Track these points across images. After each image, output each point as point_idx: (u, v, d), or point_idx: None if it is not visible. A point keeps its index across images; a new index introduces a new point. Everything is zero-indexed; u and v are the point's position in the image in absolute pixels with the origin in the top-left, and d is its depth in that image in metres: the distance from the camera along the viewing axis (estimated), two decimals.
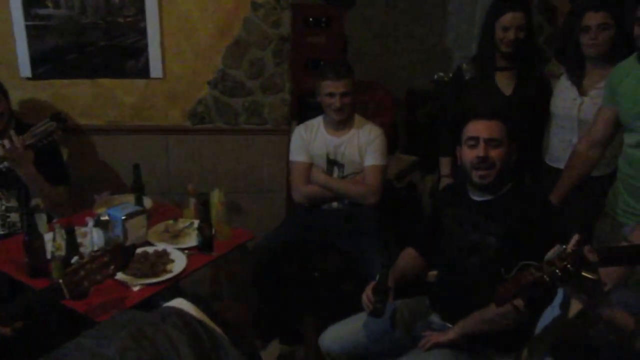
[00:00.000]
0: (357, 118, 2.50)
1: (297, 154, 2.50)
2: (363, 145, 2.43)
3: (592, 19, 2.14)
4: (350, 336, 1.88)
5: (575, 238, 1.22)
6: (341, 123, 2.44)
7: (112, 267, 1.58)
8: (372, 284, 1.83)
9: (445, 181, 2.55)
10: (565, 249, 1.19)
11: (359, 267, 2.34)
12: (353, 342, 1.87)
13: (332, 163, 2.48)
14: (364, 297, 1.83)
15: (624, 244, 1.62)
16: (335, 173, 2.48)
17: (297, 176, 2.49)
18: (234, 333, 1.44)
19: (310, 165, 2.48)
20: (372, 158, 2.42)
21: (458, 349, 1.72)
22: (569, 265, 1.15)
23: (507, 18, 2.26)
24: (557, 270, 1.15)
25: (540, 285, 1.16)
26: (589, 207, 2.18)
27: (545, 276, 1.15)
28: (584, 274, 1.16)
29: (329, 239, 2.47)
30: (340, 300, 2.62)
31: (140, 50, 2.70)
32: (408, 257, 1.99)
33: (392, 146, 3.18)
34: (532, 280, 1.16)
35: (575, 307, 1.43)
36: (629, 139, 1.90)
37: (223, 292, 2.85)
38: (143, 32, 2.68)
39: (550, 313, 1.69)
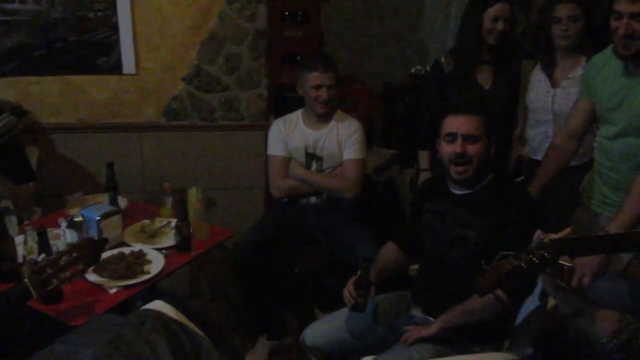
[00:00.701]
0: (336, 112, 2.49)
1: (275, 148, 2.48)
2: (342, 139, 2.42)
3: (563, 10, 2.19)
4: (332, 332, 1.86)
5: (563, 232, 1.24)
6: (322, 116, 2.43)
7: (82, 263, 1.51)
8: (354, 278, 1.82)
9: (424, 175, 2.55)
10: (543, 239, 1.19)
11: (340, 262, 2.33)
12: (335, 338, 1.85)
13: (310, 157, 2.46)
14: (346, 292, 1.82)
15: (601, 234, 1.64)
16: (314, 167, 2.46)
17: (275, 170, 2.46)
18: (215, 333, 1.41)
19: (288, 160, 2.46)
20: (351, 152, 2.41)
21: (440, 342, 1.72)
22: (546, 254, 1.16)
23: (496, 8, 2.26)
24: (535, 259, 1.16)
25: (518, 273, 1.18)
26: (568, 197, 2.21)
27: (522, 264, 1.17)
28: (560, 261, 1.17)
29: (308, 234, 2.46)
30: (322, 295, 2.62)
31: (111, 46, 2.64)
32: (389, 251, 1.98)
33: (369, 140, 3.18)
34: (510, 269, 1.18)
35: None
36: (604, 131, 1.93)
37: (203, 292, 2.82)
38: (115, 27, 2.62)
39: (531, 303, 1.71)
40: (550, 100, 2.29)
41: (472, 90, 2.37)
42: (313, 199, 2.48)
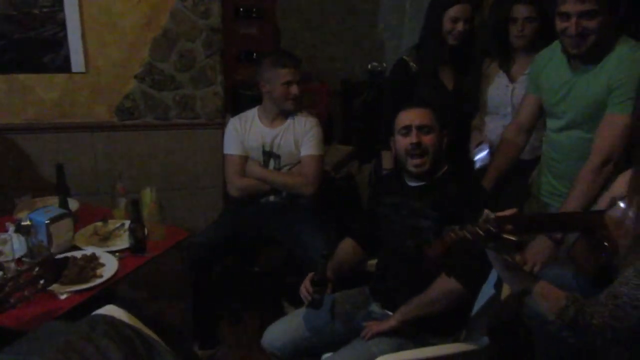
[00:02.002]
0: None
1: (231, 147, 2.45)
2: (299, 136, 2.41)
3: (520, 11, 2.26)
4: (291, 332, 1.86)
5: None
6: (280, 114, 2.41)
7: (42, 281, 1.46)
8: (311, 275, 1.81)
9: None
10: (490, 215, 1.22)
11: (298, 260, 2.33)
12: (295, 338, 1.85)
13: (268, 154, 2.44)
14: (302, 289, 1.82)
15: (548, 213, 1.70)
16: (272, 165, 2.45)
17: (232, 169, 2.44)
18: (171, 337, 1.39)
19: (245, 158, 2.44)
20: (308, 148, 2.41)
21: (399, 335, 1.74)
22: (491, 227, 1.18)
23: (456, 9, 2.27)
24: (480, 230, 1.19)
25: (463, 243, 1.20)
26: (521, 189, 2.27)
27: (467, 234, 1.19)
28: (504, 235, 1.19)
29: (267, 232, 2.44)
30: (289, 292, 2.60)
31: (59, 43, 2.55)
32: (347, 247, 1.99)
33: (328, 137, 3.18)
34: (455, 239, 1.20)
35: (509, 287, 1.47)
36: (551, 124, 1.99)
37: (160, 294, 2.76)
38: (62, 24, 2.53)
39: (486, 293, 1.75)
40: (509, 94, 2.36)
41: (439, 92, 2.38)
42: (272, 198, 2.47)
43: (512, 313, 1.92)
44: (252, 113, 2.48)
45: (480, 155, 2.41)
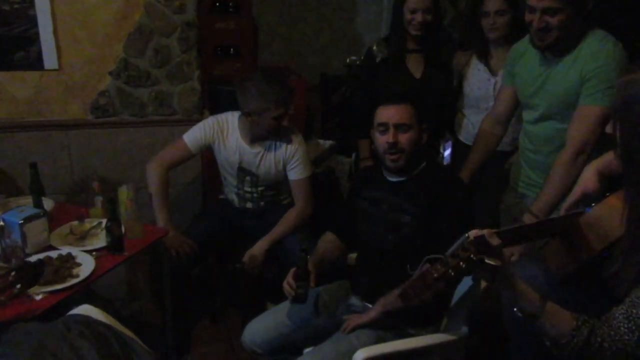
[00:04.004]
0: None
1: (191, 138, 2.30)
2: (280, 158, 2.33)
3: (491, 5, 2.29)
4: (273, 327, 1.85)
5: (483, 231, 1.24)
6: (262, 137, 2.31)
7: (19, 286, 1.45)
8: (293, 270, 1.81)
9: (365, 163, 2.57)
10: (468, 237, 1.18)
11: (279, 256, 2.32)
12: (276, 333, 1.84)
13: (243, 171, 2.36)
14: (285, 284, 1.81)
15: (527, 217, 1.72)
16: (248, 183, 2.39)
17: (169, 153, 2.32)
18: (148, 335, 1.37)
19: (188, 157, 2.34)
20: (297, 172, 2.33)
21: (379, 327, 1.75)
22: (472, 255, 1.14)
23: (414, 0, 2.28)
24: (462, 263, 1.13)
25: (446, 280, 1.14)
26: (498, 181, 2.30)
27: (450, 271, 1.14)
28: (487, 261, 1.15)
29: (247, 230, 2.43)
30: (271, 289, 2.60)
31: (30, 40, 2.50)
32: (327, 241, 1.99)
33: (307, 131, 3.18)
34: (437, 277, 1.14)
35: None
36: (527, 115, 2.01)
37: (141, 292, 2.74)
38: (33, 20, 2.48)
39: (465, 284, 1.77)
40: (491, 87, 2.39)
41: (403, 79, 2.41)
42: (249, 204, 2.44)
43: (491, 303, 1.94)
44: (233, 122, 2.34)
45: (448, 152, 2.42)
